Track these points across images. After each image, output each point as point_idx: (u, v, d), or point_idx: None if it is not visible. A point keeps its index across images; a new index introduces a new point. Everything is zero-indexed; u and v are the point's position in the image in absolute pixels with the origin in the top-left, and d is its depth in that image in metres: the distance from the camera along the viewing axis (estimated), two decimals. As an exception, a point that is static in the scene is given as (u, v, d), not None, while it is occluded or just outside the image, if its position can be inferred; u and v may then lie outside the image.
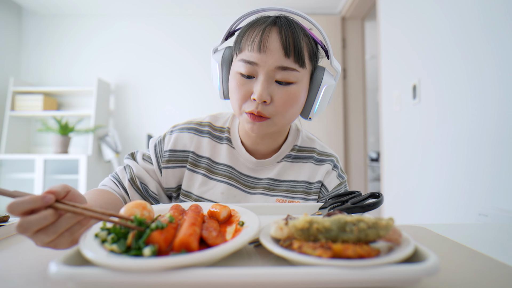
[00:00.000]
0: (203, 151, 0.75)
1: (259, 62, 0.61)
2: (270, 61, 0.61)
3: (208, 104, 3.21)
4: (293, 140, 0.77)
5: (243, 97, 0.64)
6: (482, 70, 1.20)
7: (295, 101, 0.64)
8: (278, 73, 0.62)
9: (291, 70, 0.62)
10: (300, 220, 0.36)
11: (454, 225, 0.68)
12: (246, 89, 0.63)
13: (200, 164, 0.74)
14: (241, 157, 0.74)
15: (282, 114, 0.64)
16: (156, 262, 0.30)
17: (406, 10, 1.83)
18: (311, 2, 3.07)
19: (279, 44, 0.61)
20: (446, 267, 0.41)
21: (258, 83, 0.61)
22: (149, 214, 0.42)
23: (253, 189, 0.74)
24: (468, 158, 1.29)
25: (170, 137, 0.75)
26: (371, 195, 0.55)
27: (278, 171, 0.74)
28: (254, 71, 0.62)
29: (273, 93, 0.62)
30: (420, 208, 1.68)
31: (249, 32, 0.64)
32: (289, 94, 0.63)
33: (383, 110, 2.17)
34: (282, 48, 0.61)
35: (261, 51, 0.61)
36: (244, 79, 0.63)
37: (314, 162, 0.76)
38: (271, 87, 0.62)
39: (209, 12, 3.25)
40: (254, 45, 0.61)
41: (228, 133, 0.76)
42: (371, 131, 4.98)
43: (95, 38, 3.23)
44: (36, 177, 2.71)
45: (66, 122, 2.85)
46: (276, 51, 0.61)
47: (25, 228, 0.37)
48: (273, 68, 0.61)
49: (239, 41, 0.65)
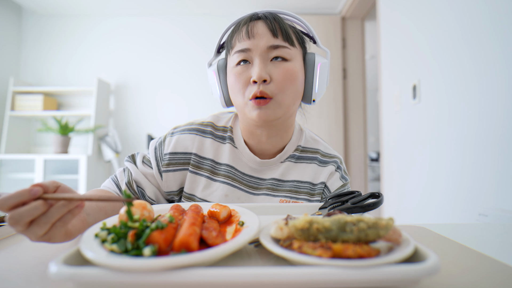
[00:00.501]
0: (206, 152, 0.74)
1: (251, 46, 0.64)
2: (261, 43, 0.64)
3: (208, 104, 3.21)
4: (296, 140, 0.77)
5: (244, 84, 0.65)
6: (482, 70, 1.20)
7: (293, 76, 0.65)
8: (272, 52, 0.65)
9: (282, 47, 0.65)
10: (300, 220, 0.36)
11: (454, 225, 0.68)
12: (245, 76, 0.65)
13: (203, 166, 0.73)
14: (244, 157, 0.73)
15: (284, 92, 0.65)
16: (156, 262, 0.30)
17: (406, 10, 1.83)
18: (311, 2, 3.07)
19: (266, 28, 0.65)
20: (446, 267, 0.41)
21: (255, 65, 0.64)
22: (149, 214, 0.42)
23: (257, 190, 0.73)
24: (468, 158, 1.29)
25: (170, 139, 0.74)
26: (371, 195, 0.55)
27: (282, 171, 0.74)
28: (248, 56, 0.65)
29: (271, 72, 0.64)
30: (420, 208, 1.68)
31: (235, 28, 0.68)
32: (286, 70, 0.65)
33: (383, 110, 2.17)
34: (270, 30, 0.64)
35: (251, 37, 0.64)
36: (241, 68, 0.65)
37: (318, 163, 0.76)
38: (268, 67, 0.64)
39: (209, 12, 3.25)
40: (242, 34, 0.65)
41: (231, 132, 0.75)
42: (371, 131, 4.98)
43: (95, 38, 3.23)
44: (36, 177, 2.71)
45: (66, 122, 2.85)
46: (265, 34, 0.64)
47: (17, 220, 0.38)
48: (265, 48, 0.64)
49: (230, 40, 0.69)
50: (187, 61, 3.23)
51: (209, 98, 3.20)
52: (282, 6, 3.15)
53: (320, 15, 3.16)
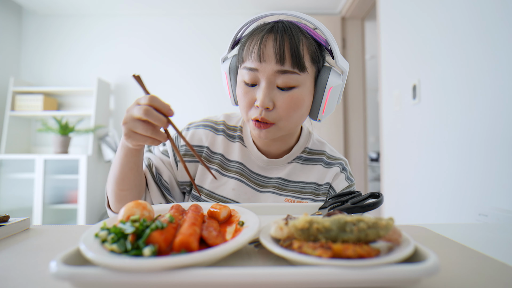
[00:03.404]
0: (217, 148, 0.77)
1: (259, 68, 0.63)
2: (269, 67, 0.62)
3: (209, 104, 3.21)
4: (304, 142, 0.79)
5: (248, 104, 0.66)
6: (483, 70, 1.20)
7: (298, 105, 0.65)
8: (279, 78, 0.63)
9: (290, 73, 0.62)
10: (300, 220, 0.36)
11: (454, 225, 0.68)
12: (250, 97, 0.65)
13: (214, 160, 0.76)
14: (253, 155, 0.76)
15: (287, 119, 0.65)
16: (156, 262, 0.30)
17: (406, 10, 1.83)
18: (311, 2, 3.07)
19: (275, 51, 0.62)
20: (446, 267, 0.41)
21: (260, 90, 0.63)
22: (149, 214, 0.42)
23: (263, 188, 0.75)
24: (468, 158, 1.29)
25: (186, 133, 0.78)
26: (371, 195, 0.55)
27: (289, 171, 0.76)
28: (256, 77, 0.64)
29: (276, 99, 0.64)
30: (420, 208, 1.68)
31: (248, 43, 0.66)
32: (291, 98, 0.63)
33: (383, 110, 2.17)
34: (278, 55, 0.62)
35: (261, 60, 0.62)
36: (247, 88, 0.65)
37: (323, 165, 0.78)
38: (272, 92, 0.63)
39: (209, 12, 3.25)
40: (253, 55, 0.63)
41: (241, 131, 0.79)
42: (371, 131, 4.97)
43: (95, 38, 3.23)
44: (36, 177, 2.71)
45: (66, 122, 2.85)
46: (273, 58, 0.62)
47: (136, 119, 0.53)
48: (272, 72, 0.62)
49: (241, 52, 0.68)
50: (187, 61, 3.23)
51: (209, 98, 3.20)
52: (282, 7, 3.15)
53: (320, 15, 3.16)
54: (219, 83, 3.18)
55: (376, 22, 2.37)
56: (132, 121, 0.53)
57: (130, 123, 0.53)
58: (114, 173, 0.65)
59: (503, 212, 1.05)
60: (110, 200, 0.69)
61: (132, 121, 0.53)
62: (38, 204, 2.69)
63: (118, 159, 0.63)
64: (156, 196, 0.73)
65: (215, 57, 3.18)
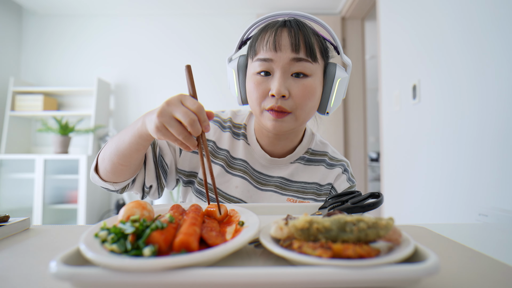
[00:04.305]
0: (223, 144, 0.78)
1: (274, 58, 0.64)
2: (284, 56, 0.64)
3: (209, 103, 3.21)
4: (307, 143, 0.79)
5: (262, 95, 0.66)
6: (483, 69, 1.20)
7: (312, 93, 0.66)
8: (293, 66, 0.64)
9: (305, 61, 0.64)
10: (300, 220, 0.36)
11: (454, 225, 0.68)
12: (264, 87, 0.66)
13: (219, 156, 0.77)
14: (256, 153, 0.77)
15: (302, 108, 0.66)
16: (156, 262, 0.30)
17: (406, 10, 1.83)
18: (311, 2, 3.07)
19: (290, 40, 0.65)
20: (446, 267, 0.41)
21: (275, 79, 0.64)
22: (149, 214, 0.42)
23: (264, 186, 0.76)
24: (469, 158, 1.29)
25: None
26: (371, 195, 0.55)
27: (291, 171, 0.77)
28: (270, 67, 0.65)
29: (291, 88, 0.65)
30: (420, 208, 1.68)
31: (262, 35, 0.67)
32: (305, 87, 0.65)
33: (383, 110, 2.17)
34: (293, 44, 0.64)
35: (277, 49, 0.64)
36: (261, 78, 0.66)
37: (325, 165, 0.79)
38: (287, 81, 0.65)
39: (209, 13, 3.24)
40: (268, 44, 0.65)
41: (245, 129, 0.79)
42: (371, 131, 4.97)
43: (95, 38, 3.23)
44: (36, 177, 2.71)
45: (66, 122, 2.85)
46: (289, 47, 0.64)
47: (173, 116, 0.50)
48: (287, 61, 0.64)
49: (254, 45, 0.69)
50: (189, 61, 3.23)
51: (210, 98, 3.20)
52: (283, 7, 3.15)
53: (320, 15, 3.16)
54: (221, 83, 3.18)
55: (376, 22, 2.37)
56: (170, 119, 0.50)
57: (167, 119, 0.50)
58: (119, 147, 0.62)
59: (503, 212, 1.05)
60: (104, 167, 0.66)
61: (170, 118, 0.50)
62: (38, 204, 2.69)
63: (128, 137, 0.60)
64: (151, 176, 0.71)
65: (215, 57, 3.18)
